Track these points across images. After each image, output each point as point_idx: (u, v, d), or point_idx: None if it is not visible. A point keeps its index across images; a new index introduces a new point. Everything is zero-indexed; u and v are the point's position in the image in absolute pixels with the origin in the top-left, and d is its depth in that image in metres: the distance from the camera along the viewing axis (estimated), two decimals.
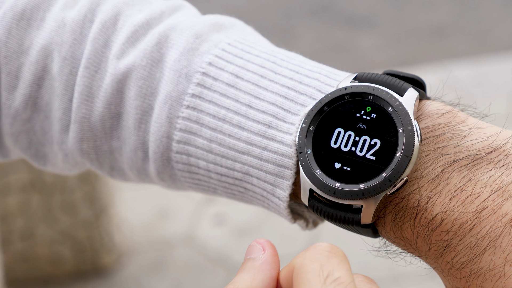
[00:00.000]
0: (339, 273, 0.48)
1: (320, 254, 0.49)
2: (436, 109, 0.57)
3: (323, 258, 0.49)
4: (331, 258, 0.49)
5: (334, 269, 0.48)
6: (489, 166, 0.54)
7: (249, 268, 0.53)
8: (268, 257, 0.54)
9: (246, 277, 0.53)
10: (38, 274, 2.47)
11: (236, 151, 0.61)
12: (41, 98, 0.67)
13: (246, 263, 0.54)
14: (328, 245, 0.50)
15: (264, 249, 0.54)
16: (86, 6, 0.67)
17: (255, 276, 0.52)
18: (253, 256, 0.54)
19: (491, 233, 0.52)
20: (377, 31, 4.00)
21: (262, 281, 0.52)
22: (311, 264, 0.48)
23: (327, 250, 0.49)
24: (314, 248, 0.50)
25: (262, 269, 0.53)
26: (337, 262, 0.49)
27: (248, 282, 0.52)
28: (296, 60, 0.63)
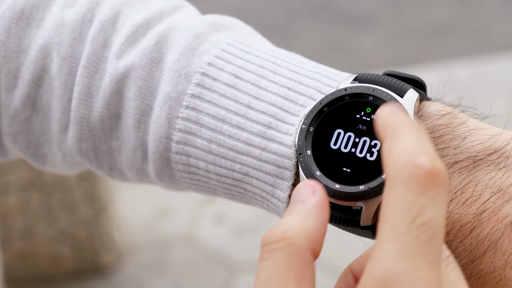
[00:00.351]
0: (431, 214, 0.43)
1: (416, 179, 0.44)
2: (437, 110, 0.57)
3: (419, 187, 0.44)
4: (428, 188, 0.44)
5: (426, 207, 0.43)
6: (489, 168, 0.54)
7: (299, 211, 0.50)
8: (319, 200, 0.51)
9: (296, 219, 0.50)
10: (37, 273, 2.47)
11: (236, 151, 0.61)
12: (40, 98, 0.67)
13: (296, 204, 0.51)
14: (430, 166, 0.44)
15: (315, 191, 0.52)
16: (86, 6, 0.67)
17: (306, 219, 0.50)
18: (303, 198, 0.51)
19: (491, 235, 0.52)
20: (377, 30, 4.00)
21: (313, 224, 0.50)
22: (404, 192, 0.44)
23: (426, 176, 0.44)
24: (414, 166, 0.44)
25: (313, 212, 0.50)
26: (433, 195, 0.44)
27: (299, 225, 0.49)
28: (296, 61, 0.63)
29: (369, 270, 0.43)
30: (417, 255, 0.43)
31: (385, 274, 0.43)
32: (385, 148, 0.47)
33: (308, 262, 0.48)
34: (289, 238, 0.48)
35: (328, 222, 0.58)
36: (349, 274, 0.51)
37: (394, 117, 0.48)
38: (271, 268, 0.48)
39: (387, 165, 0.46)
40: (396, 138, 0.46)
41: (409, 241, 0.43)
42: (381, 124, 0.48)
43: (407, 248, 0.43)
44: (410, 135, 0.46)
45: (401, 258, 0.42)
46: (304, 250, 0.48)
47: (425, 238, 0.43)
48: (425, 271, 0.42)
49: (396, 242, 0.43)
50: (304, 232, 0.49)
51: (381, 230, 0.44)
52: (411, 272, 0.42)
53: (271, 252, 0.48)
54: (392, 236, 0.43)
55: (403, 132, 0.47)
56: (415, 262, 0.42)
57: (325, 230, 0.51)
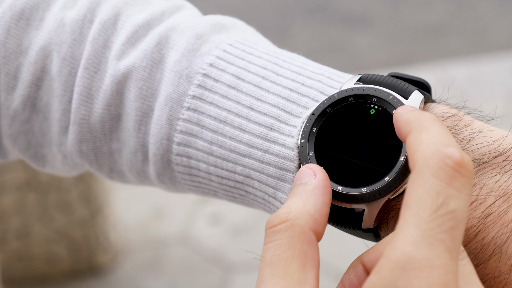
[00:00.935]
0: (456, 204, 0.44)
1: (445, 168, 0.45)
2: (441, 112, 0.57)
3: (447, 176, 0.44)
4: (456, 178, 0.45)
5: (452, 197, 0.44)
6: (495, 171, 0.53)
7: (301, 193, 0.52)
8: (320, 181, 0.53)
9: (298, 201, 0.51)
10: (33, 273, 2.47)
11: (237, 153, 0.61)
12: (40, 99, 0.66)
13: (297, 187, 0.53)
14: (459, 157, 0.45)
15: (315, 173, 0.53)
16: (86, 6, 0.66)
17: (308, 200, 0.51)
18: (304, 180, 0.53)
19: (496, 239, 0.52)
20: (373, 30, 4.00)
21: (315, 205, 0.51)
22: (431, 180, 0.45)
23: (455, 166, 0.45)
24: (444, 156, 0.45)
25: (314, 193, 0.52)
26: (459, 186, 0.44)
27: (301, 206, 0.51)
28: (298, 62, 0.62)
29: (387, 254, 0.44)
30: (437, 243, 0.43)
31: (403, 258, 0.43)
32: (411, 140, 0.48)
33: (311, 242, 0.49)
34: (292, 219, 0.50)
35: (330, 224, 0.58)
36: (359, 265, 0.51)
37: (417, 113, 0.49)
38: (275, 249, 0.49)
39: (414, 154, 0.47)
40: (423, 130, 0.47)
41: (431, 228, 0.43)
42: (405, 119, 0.49)
43: (428, 235, 0.43)
44: (437, 129, 0.47)
45: (422, 244, 0.43)
46: (307, 230, 0.49)
47: (448, 227, 0.43)
48: (444, 259, 0.42)
49: (418, 228, 0.43)
50: (306, 213, 0.50)
51: (403, 215, 0.45)
52: (430, 258, 0.42)
53: (275, 234, 0.49)
54: (414, 222, 0.44)
55: (429, 126, 0.48)
56: (435, 249, 0.43)
57: (327, 211, 0.52)
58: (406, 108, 0.52)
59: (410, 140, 0.48)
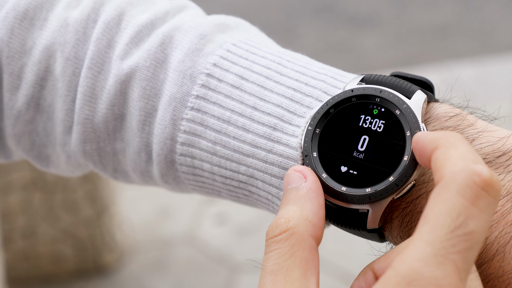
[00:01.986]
0: (475, 225, 0.44)
1: (472, 186, 0.44)
2: (445, 112, 0.56)
3: (472, 196, 0.44)
4: (480, 199, 0.44)
5: (472, 218, 0.44)
6: (498, 170, 0.53)
7: (295, 198, 0.52)
8: (312, 184, 0.52)
9: (295, 208, 0.51)
10: (39, 273, 2.47)
11: (241, 153, 0.61)
12: (44, 99, 0.66)
13: (290, 193, 0.52)
14: (488, 175, 0.45)
15: (306, 176, 0.53)
16: (90, 6, 0.66)
17: (304, 205, 0.51)
18: (295, 185, 0.53)
19: (500, 239, 0.52)
20: (379, 30, 3.99)
21: (311, 210, 0.51)
22: (455, 197, 0.44)
23: (482, 184, 0.44)
24: (473, 173, 0.45)
25: (309, 197, 0.52)
26: (483, 206, 0.44)
27: (299, 213, 0.50)
28: (302, 62, 0.62)
29: (395, 266, 0.43)
30: (448, 263, 0.43)
31: (410, 274, 0.43)
32: (439, 154, 0.47)
33: (311, 248, 0.50)
34: (291, 228, 0.50)
35: (335, 225, 0.57)
36: (369, 272, 0.51)
37: (443, 132, 0.49)
38: (276, 258, 0.49)
39: (441, 169, 0.46)
40: (451, 146, 0.47)
41: (444, 247, 0.43)
42: (430, 138, 0.49)
43: (440, 254, 0.43)
44: (465, 146, 0.47)
45: (432, 262, 0.43)
46: (307, 237, 0.50)
47: (461, 248, 0.43)
48: (452, 280, 0.42)
49: (431, 246, 0.43)
50: (304, 219, 0.50)
51: (419, 230, 0.44)
52: (438, 278, 0.42)
53: (275, 244, 0.50)
54: (429, 238, 0.43)
55: (457, 143, 0.47)
56: (444, 269, 0.42)
57: (323, 213, 0.52)
58: (427, 132, 0.51)
59: (437, 155, 0.48)
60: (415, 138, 0.52)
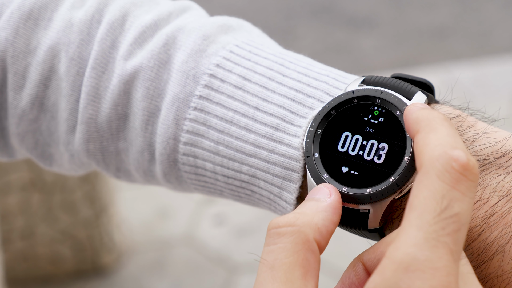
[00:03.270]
0: (460, 207, 0.45)
1: (451, 171, 0.45)
2: (445, 113, 0.57)
3: (452, 179, 0.45)
4: (461, 181, 0.45)
5: (456, 200, 0.45)
6: (498, 171, 0.54)
7: (312, 206, 0.52)
8: (334, 202, 0.53)
9: (308, 211, 0.51)
10: (38, 273, 2.47)
11: (243, 153, 0.61)
12: (48, 98, 0.67)
13: (310, 201, 0.53)
14: (465, 160, 0.45)
15: (331, 194, 0.53)
16: (94, 7, 0.66)
17: (318, 214, 0.51)
18: (319, 196, 0.53)
19: (499, 239, 0.52)
20: (377, 32, 4.00)
21: (323, 220, 0.51)
22: (436, 182, 0.45)
23: (460, 169, 0.45)
24: (450, 158, 0.45)
25: (326, 210, 0.52)
26: (464, 189, 0.45)
27: (310, 217, 0.50)
28: (304, 63, 0.63)
29: (390, 254, 0.44)
30: (440, 245, 0.43)
31: (406, 260, 0.43)
32: (419, 140, 0.48)
33: (314, 251, 0.49)
34: (299, 225, 0.49)
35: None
36: (358, 264, 0.51)
37: (427, 112, 0.50)
38: (278, 253, 0.49)
39: (420, 155, 0.47)
40: (431, 130, 0.48)
41: (434, 230, 0.44)
42: (414, 118, 0.50)
43: (432, 237, 0.44)
44: (445, 130, 0.48)
45: (425, 246, 0.43)
46: (312, 240, 0.49)
47: (451, 230, 0.44)
48: (447, 261, 0.43)
49: (422, 230, 0.44)
50: (314, 224, 0.50)
51: (407, 217, 0.45)
52: (433, 260, 0.43)
53: (278, 237, 0.49)
54: (418, 224, 0.44)
55: (437, 126, 0.48)
56: (438, 251, 0.43)
57: (333, 230, 0.52)
58: (416, 105, 0.52)
59: (417, 140, 0.49)
60: (404, 112, 0.52)
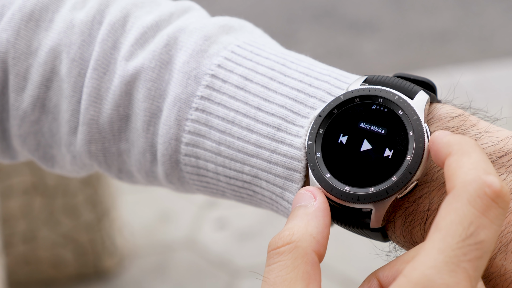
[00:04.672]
0: (485, 235, 0.44)
1: (483, 196, 0.45)
2: (447, 113, 0.57)
3: (482, 206, 0.45)
4: (490, 209, 0.45)
5: (483, 228, 0.44)
6: (500, 170, 0.54)
7: (302, 215, 0.52)
8: (321, 204, 0.53)
9: (300, 223, 0.52)
10: (40, 277, 2.47)
11: (245, 154, 0.61)
12: (49, 100, 0.67)
13: (298, 210, 0.53)
14: (498, 187, 0.45)
15: (315, 196, 0.54)
16: (95, 8, 0.67)
17: (310, 222, 0.52)
18: (304, 203, 0.54)
19: (502, 238, 0.52)
20: (379, 36, 4.00)
21: (317, 227, 0.51)
22: (466, 207, 0.45)
23: (493, 196, 0.45)
24: (484, 184, 0.45)
25: (316, 215, 0.52)
26: (493, 217, 0.45)
27: (303, 228, 0.51)
28: (306, 63, 0.63)
29: (407, 273, 0.44)
30: (460, 271, 0.43)
31: (423, 281, 0.43)
32: (452, 162, 0.48)
33: (314, 263, 0.50)
34: (295, 241, 0.50)
35: (338, 225, 0.58)
36: (374, 280, 0.51)
37: (459, 137, 0.50)
38: (279, 271, 0.49)
39: (453, 177, 0.47)
40: (464, 154, 0.48)
41: (456, 255, 0.44)
42: (445, 141, 0.50)
43: (452, 261, 0.43)
44: (478, 155, 0.48)
45: (444, 270, 0.43)
46: (310, 252, 0.50)
47: (473, 257, 0.44)
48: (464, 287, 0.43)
49: (443, 254, 0.44)
50: (309, 235, 0.51)
51: (431, 238, 0.45)
52: (450, 285, 0.43)
53: (278, 256, 0.50)
54: (441, 246, 0.44)
55: (470, 150, 0.48)
56: (456, 276, 0.43)
57: (328, 233, 0.52)
58: (445, 131, 0.52)
59: (450, 162, 0.49)
60: (432, 137, 0.52)
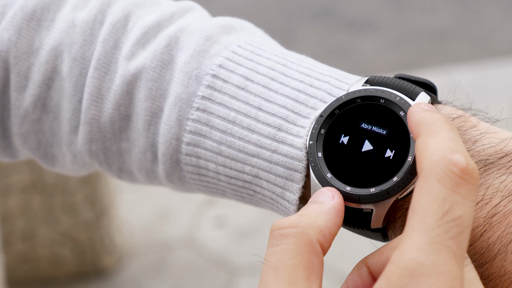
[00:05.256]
0: (461, 210, 0.45)
1: (450, 175, 0.45)
2: (448, 114, 0.57)
3: (452, 183, 0.45)
4: (461, 185, 0.45)
5: (457, 204, 0.45)
6: (500, 171, 0.54)
7: (316, 208, 0.52)
8: (337, 204, 0.53)
9: (311, 213, 0.51)
10: (38, 275, 2.47)
11: (246, 153, 0.61)
12: (51, 99, 0.67)
13: (313, 204, 0.53)
14: (464, 164, 0.46)
15: (334, 197, 0.54)
16: (96, 7, 0.67)
17: (321, 216, 0.51)
18: (321, 199, 0.53)
19: (502, 239, 0.52)
20: (378, 35, 4.00)
21: (326, 222, 0.51)
22: (437, 187, 0.45)
23: (460, 173, 0.45)
24: (450, 163, 0.46)
25: (329, 212, 0.52)
26: (465, 192, 0.45)
27: (313, 219, 0.51)
28: (307, 63, 0.63)
29: (395, 259, 0.44)
30: (445, 249, 0.44)
31: (412, 264, 0.43)
32: (420, 143, 0.49)
33: (318, 253, 0.50)
34: (302, 226, 0.50)
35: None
36: (363, 267, 0.51)
37: (429, 114, 0.50)
38: (282, 254, 0.49)
39: (421, 160, 0.48)
40: (431, 134, 0.48)
41: (438, 234, 0.44)
42: (416, 120, 0.50)
43: (435, 241, 0.44)
44: (445, 133, 0.48)
45: (429, 251, 0.43)
46: (315, 242, 0.50)
47: (454, 234, 0.44)
48: (452, 265, 0.43)
49: (425, 235, 0.44)
50: (317, 226, 0.50)
51: (410, 222, 0.45)
52: (438, 265, 0.43)
53: (282, 238, 0.49)
54: (421, 228, 0.44)
55: (438, 130, 0.49)
56: (442, 255, 0.43)
57: (336, 232, 0.52)
58: (419, 106, 0.52)
59: (418, 143, 0.49)
60: (408, 114, 0.53)
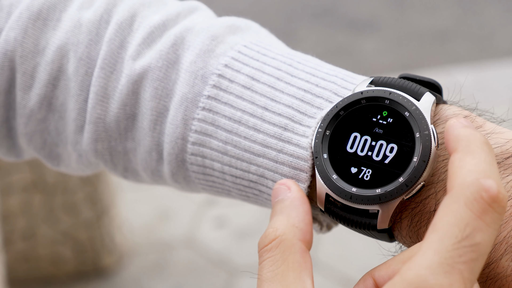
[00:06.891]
0: (481, 237, 0.44)
1: (479, 200, 0.45)
2: (454, 114, 0.57)
3: (479, 209, 0.45)
4: (487, 213, 0.45)
5: (479, 231, 0.44)
6: (507, 171, 0.54)
7: (281, 209, 0.55)
8: (296, 193, 0.55)
9: (281, 217, 0.54)
10: (39, 274, 2.47)
11: (252, 153, 0.61)
12: (56, 98, 0.67)
13: (276, 206, 0.55)
14: (495, 192, 0.45)
15: (289, 188, 0.56)
16: (102, 7, 0.67)
17: (289, 213, 0.54)
18: (281, 197, 0.55)
19: (508, 239, 0.52)
20: (379, 35, 4.00)
21: (297, 216, 0.54)
22: (463, 209, 0.45)
23: (489, 201, 0.45)
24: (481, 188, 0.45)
25: (294, 205, 0.54)
26: (490, 220, 0.45)
27: (285, 221, 0.53)
28: (313, 63, 0.63)
29: (402, 272, 0.44)
30: (454, 272, 0.44)
31: (417, 281, 0.44)
32: (455, 160, 0.48)
33: (302, 251, 0.52)
34: (280, 235, 0.52)
35: (345, 226, 0.58)
36: (369, 279, 0.52)
37: (469, 131, 0.50)
38: (269, 266, 0.51)
39: (453, 177, 0.47)
40: (469, 153, 0.48)
41: (451, 257, 0.44)
42: (455, 135, 0.50)
43: (447, 262, 0.44)
44: (483, 155, 0.48)
45: (437, 270, 0.44)
46: (296, 242, 0.52)
47: (468, 258, 0.44)
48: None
49: (438, 255, 0.44)
50: (291, 226, 0.53)
51: (428, 238, 0.45)
52: (443, 286, 0.43)
53: (267, 252, 0.52)
54: (436, 248, 0.44)
55: (476, 150, 0.48)
56: (450, 277, 0.44)
57: (310, 219, 0.54)
58: (459, 121, 0.52)
59: (454, 160, 0.49)
60: (446, 126, 0.52)
